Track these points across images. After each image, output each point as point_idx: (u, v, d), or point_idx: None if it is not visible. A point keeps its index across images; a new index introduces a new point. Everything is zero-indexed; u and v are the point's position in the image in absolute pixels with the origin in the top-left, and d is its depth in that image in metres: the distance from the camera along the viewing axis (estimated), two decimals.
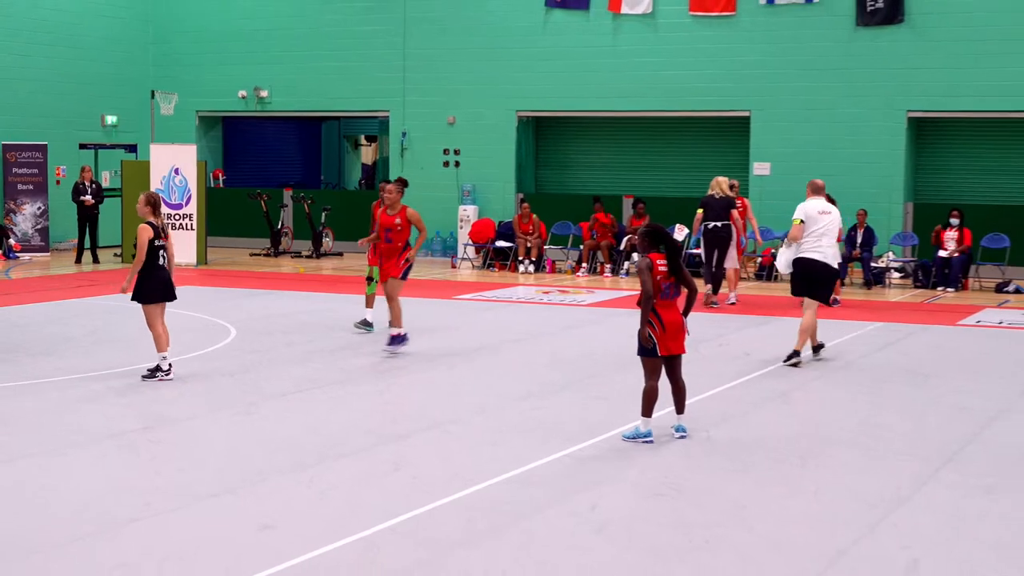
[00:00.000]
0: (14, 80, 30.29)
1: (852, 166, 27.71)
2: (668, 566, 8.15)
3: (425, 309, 21.54)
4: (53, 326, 18.89)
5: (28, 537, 8.62)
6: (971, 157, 28.95)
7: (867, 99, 28.01)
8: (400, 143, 32.20)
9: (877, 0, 27.80)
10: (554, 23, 30.46)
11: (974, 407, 13.48)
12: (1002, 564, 8.25)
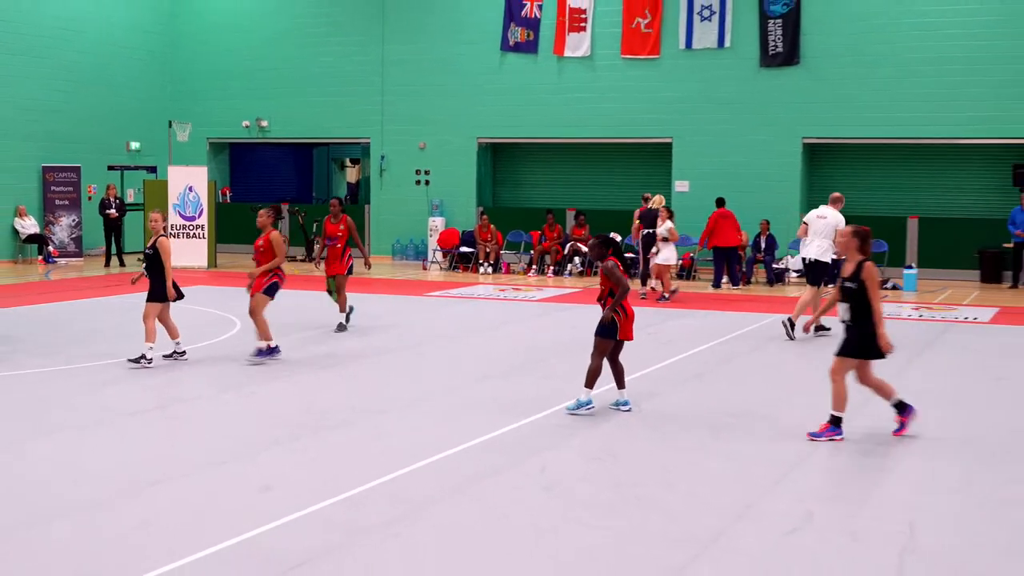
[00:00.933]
0: (53, 112, 30.05)
1: (757, 184, 27.83)
2: (604, 519, 8.19)
3: (400, 305, 21.56)
4: (85, 320, 18.80)
5: (61, 498, 8.58)
6: (855, 176, 29.14)
7: (769, 128, 28.15)
8: (379, 165, 32.12)
9: (777, 45, 27.95)
10: (508, 64, 30.45)
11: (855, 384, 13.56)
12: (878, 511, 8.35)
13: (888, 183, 28.90)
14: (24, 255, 29.28)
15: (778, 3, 27.89)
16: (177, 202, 28.27)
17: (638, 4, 29.07)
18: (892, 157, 28.64)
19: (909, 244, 27.21)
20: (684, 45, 28.81)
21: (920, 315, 20.38)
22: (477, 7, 30.58)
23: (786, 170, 28.15)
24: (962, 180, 28.17)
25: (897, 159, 28.64)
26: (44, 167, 30.06)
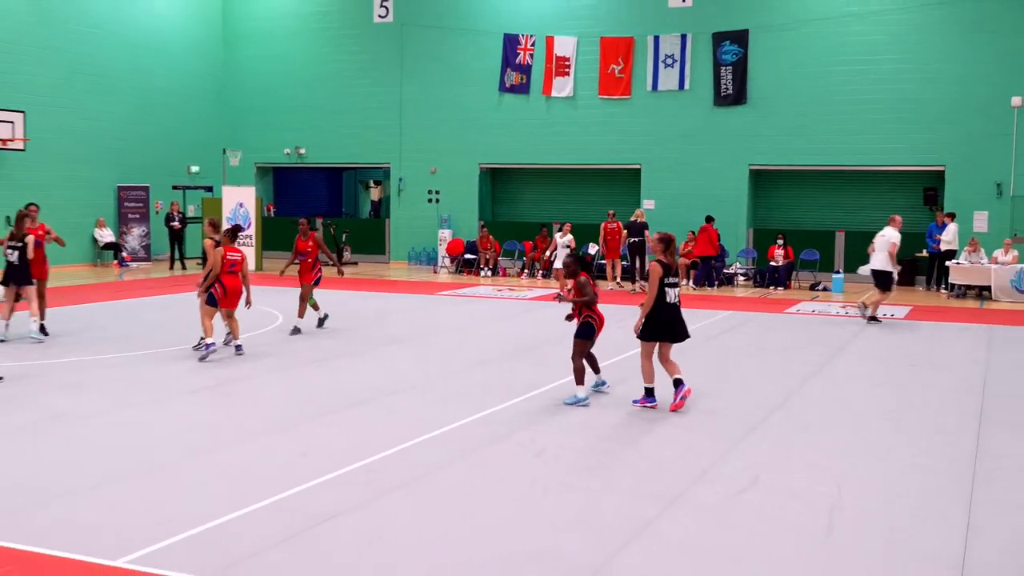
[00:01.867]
0: (126, 140, 30.04)
1: (711, 203, 27.81)
2: (586, 480, 8.21)
3: (414, 302, 21.55)
4: (152, 313, 18.80)
5: (138, 460, 8.59)
6: (792, 196, 29.25)
7: (721, 156, 28.19)
8: (397, 186, 32.10)
9: (728, 88, 27.99)
10: (505, 102, 30.45)
11: (794, 370, 13.62)
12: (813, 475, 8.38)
13: (820, 202, 28.99)
14: (102, 260, 29.23)
15: (728, 53, 27.95)
16: (230, 216, 28.22)
17: (613, 53, 29.11)
18: (823, 181, 28.69)
19: (837, 253, 27.28)
20: (651, 87, 28.84)
21: (847, 312, 20.40)
22: (479, 55, 30.57)
23: (735, 191, 28.19)
24: (881, 200, 28.19)
25: (828, 182, 28.69)
26: (119, 186, 30.02)
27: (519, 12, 30.14)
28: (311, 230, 16.69)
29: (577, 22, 29.55)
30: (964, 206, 25.59)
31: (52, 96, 27.65)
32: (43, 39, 27.49)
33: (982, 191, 25.78)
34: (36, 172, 26.72)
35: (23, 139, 26.06)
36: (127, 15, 30.12)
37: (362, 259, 32.12)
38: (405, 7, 31.43)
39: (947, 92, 26.10)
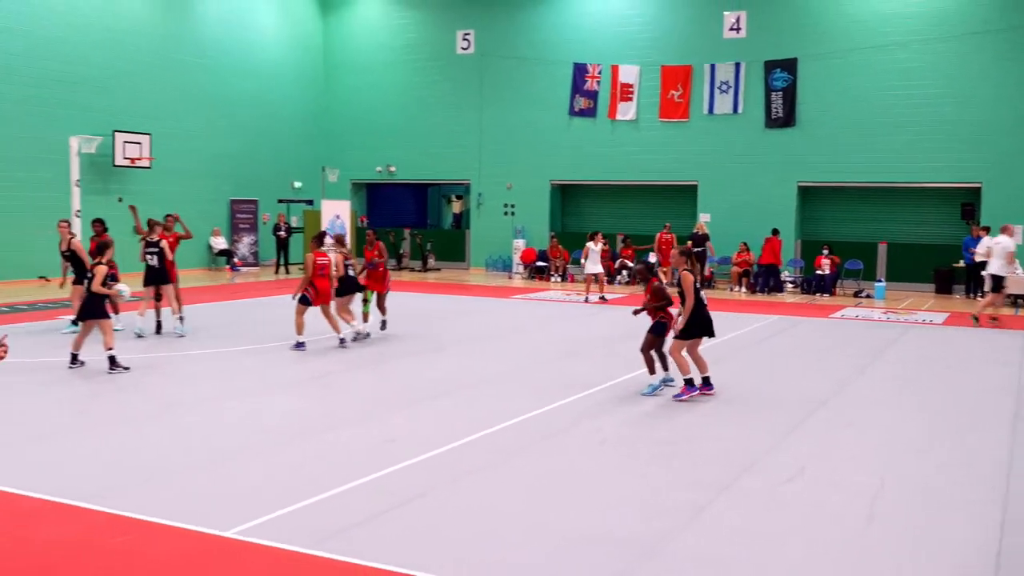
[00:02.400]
0: (238, 159, 30.55)
1: (762, 217, 27.45)
2: (645, 468, 8.13)
3: (491, 304, 21.59)
4: (259, 313, 19.07)
5: (246, 442, 8.71)
6: (837, 211, 28.67)
7: (771, 174, 27.79)
8: (477, 200, 32.20)
9: (778, 111, 27.60)
10: (574, 125, 30.38)
11: (839, 369, 13.36)
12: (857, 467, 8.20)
13: (863, 216, 28.38)
14: (216, 265, 29.77)
15: (779, 80, 27.56)
16: (328, 226, 28.56)
17: (672, 80, 28.88)
18: (867, 196, 28.09)
19: (879, 263, 26.71)
20: (707, 111, 28.55)
21: (888, 318, 19.96)
22: (551, 83, 30.53)
23: (784, 206, 27.75)
24: (921, 214, 27.59)
25: (871, 198, 28.08)
26: (231, 199, 30.56)
27: (587, 43, 30.06)
28: (377, 240, 16.30)
29: (640, 52, 29.37)
30: (1000, 220, 24.86)
31: (174, 119, 28.26)
32: (168, 69, 28.11)
33: (1017, 206, 25.05)
34: (160, 187, 27.33)
35: (149, 158, 26.67)
36: (241, 47, 30.66)
37: (444, 266, 32.33)
38: (485, 40, 31.54)
39: (983, 113, 25.45)
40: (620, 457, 8.49)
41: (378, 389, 11.51)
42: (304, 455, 8.34)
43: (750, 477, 7.89)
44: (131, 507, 6.77)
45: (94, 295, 12.19)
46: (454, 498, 7.20)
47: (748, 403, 10.89)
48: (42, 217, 23.88)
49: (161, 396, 10.78)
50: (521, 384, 11.80)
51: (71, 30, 25.25)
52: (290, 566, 5.83)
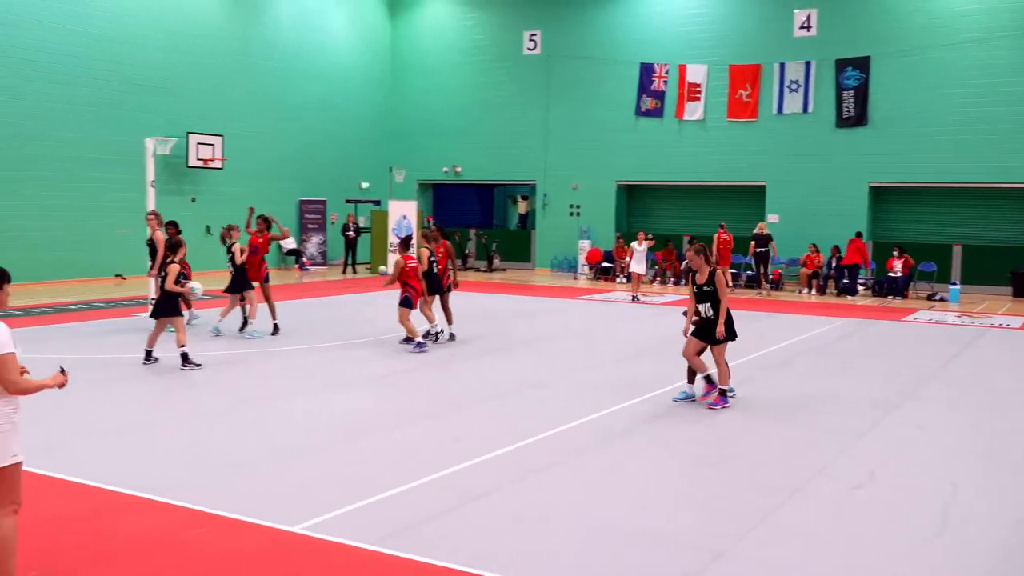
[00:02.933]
0: (307, 160, 31.04)
1: (831, 218, 27.11)
2: (710, 471, 8.07)
3: (557, 304, 21.59)
4: (327, 312, 19.31)
5: (306, 439, 8.83)
6: (911, 212, 28.10)
7: (842, 174, 27.37)
8: (542, 200, 32.24)
9: (850, 111, 27.15)
10: (641, 125, 30.24)
11: (911, 373, 13.10)
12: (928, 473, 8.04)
13: (937, 217, 27.77)
14: (285, 264, 30.26)
15: (851, 78, 27.11)
16: (395, 227, 28.82)
17: (741, 79, 28.59)
18: (941, 197, 27.47)
19: (954, 266, 26.15)
20: (776, 111, 28.22)
21: (963, 321, 19.51)
22: (617, 83, 30.44)
23: (854, 207, 27.30)
24: (998, 215, 26.90)
25: (945, 198, 27.46)
26: (300, 200, 31.03)
27: (655, 43, 29.89)
28: (443, 238, 15.90)
29: (708, 51, 29.12)
30: None
31: (246, 122, 28.79)
32: (240, 72, 28.65)
33: None
34: (231, 187, 27.87)
35: (221, 159, 27.21)
36: (311, 50, 31.13)
37: (510, 266, 32.41)
38: (551, 40, 31.56)
39: None
40: (684, 460, 8.43)
41: (444, 388, 11.58)
42: (371, 452, 8.44)
43: (819, 482, 7.78)
44: (204, 501, 6.92)
45: (167, 293, 12.48)
46: (518, 497, 7.22)
47: (816, 407, 10.73)
48: (118, 217, 24.54)
49: (232, 393, 10.99)
50: (585, 385, 11.78)
51: (148, 35, 25.88)
52: (357, 563, 5.91)
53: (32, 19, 23.06)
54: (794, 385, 12.11)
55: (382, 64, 34.20)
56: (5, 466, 5.09)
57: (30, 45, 23.03)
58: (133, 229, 23.30)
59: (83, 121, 24.25)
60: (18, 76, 22.79)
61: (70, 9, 23.90)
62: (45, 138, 23.42)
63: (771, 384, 12.15)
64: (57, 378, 5.32)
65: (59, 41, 23.65)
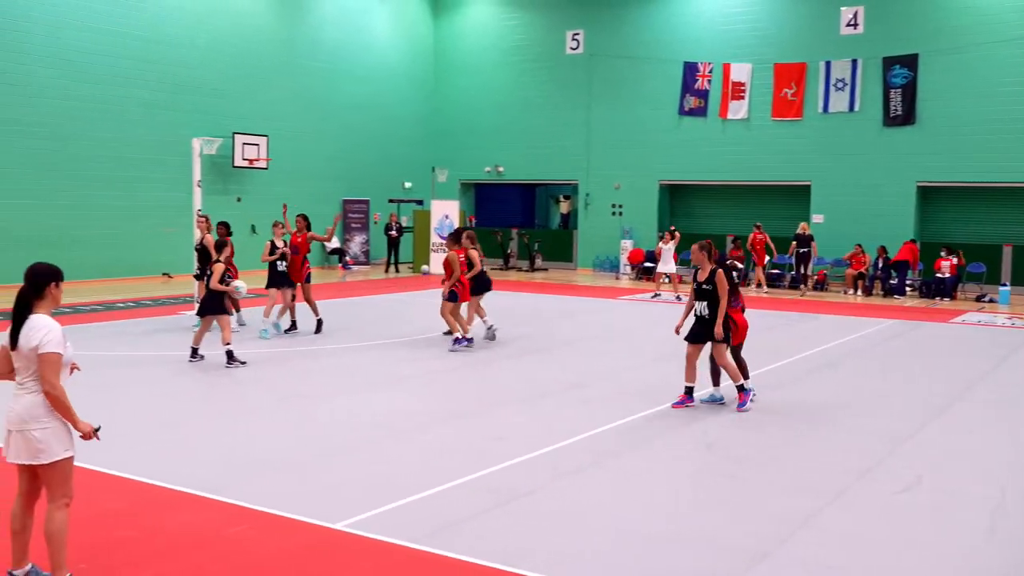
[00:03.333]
0: (350, 159, 31.24)
1: (877, 218, 26.78)
2: (751, 472, 8.01)
3: (599, 304, 21.54)
4: (371, 311, 19.43)
5: (349, 437, 8.88)
6: (960, 211, 27.63)
7: (889, 174, 27.00)
8: (584, 200, 32.18)
9: (897, 109, 26.78)
10: (684, 124, 30.07)
11: (959, 375, 12.89)
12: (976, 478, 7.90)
13: (987, 217, 27.27)
14: (329, 263, 30.49)
15: (898, 76, 26.73)
16: (437, 226, 28.97)
17: (786, 78, 28.32)
18: (991, 197, 26.98)
19: (1004, 266, 25.68)
20: (822, 109, 27.91)
21: (1012, 323, 19.17)
22: (660, 82, 30.29)
23: (902, 207, 26.92)
24: None
25: (995, 198, 26.97)
26: (344, 199, 31.26)
27: (698, 42, 29.71)
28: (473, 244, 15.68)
29: (752, 50, 28.88)
30: None
31: (290, 122, 29.06)
32: (285, 73, 28.92)
33: None
34: (276, 187, 28.14)
35: (266, 159, 27.50)
36: (355, 51, 31.34)
37: (552, 266, 32.39)
38: (594, 40, 31.49)
39: None
40: (726, 461, 8.37)
41: (484, 387, 11.60)
42: (411, 451, 8.48)
43: (863, 485, 7.68)
44: (247, 498, 7.00)
45: (213, 292, 12.65)
46: (557, 497, 7.21)
47: (862, 409, 10.61)
48: (165, 216, 24.89)
49: (275, 391, 11.10)
50: (624, 385, 11.74)
51: (195, 37, 26.22)
52: (396, 560, 5.94)
53: (81, 22, 23.45)
54: (839, 387, 11.97)
55: (425, 64, 34.34)
56: (57, 461, 5.19)
57: (79, 47, 23.43)
58: (180, 228, 23.62)
59: (131, 122, 24.62)
60: (67, 78, 23.18)
61: (119, 12, 24.27)
62: (94, 138, 23.80)
63: (815, 386, 12.02)
64: (87, 427, 5.24)
65: (108, 43, 24.03)
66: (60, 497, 5.23)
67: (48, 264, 5.37)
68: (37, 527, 5.42)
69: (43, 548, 5.32)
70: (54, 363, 5.11)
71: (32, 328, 5.15)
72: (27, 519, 5.34)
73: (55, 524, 5.20)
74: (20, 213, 22.23)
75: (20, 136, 22.30)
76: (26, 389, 5.18)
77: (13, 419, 5.17)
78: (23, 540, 5.34)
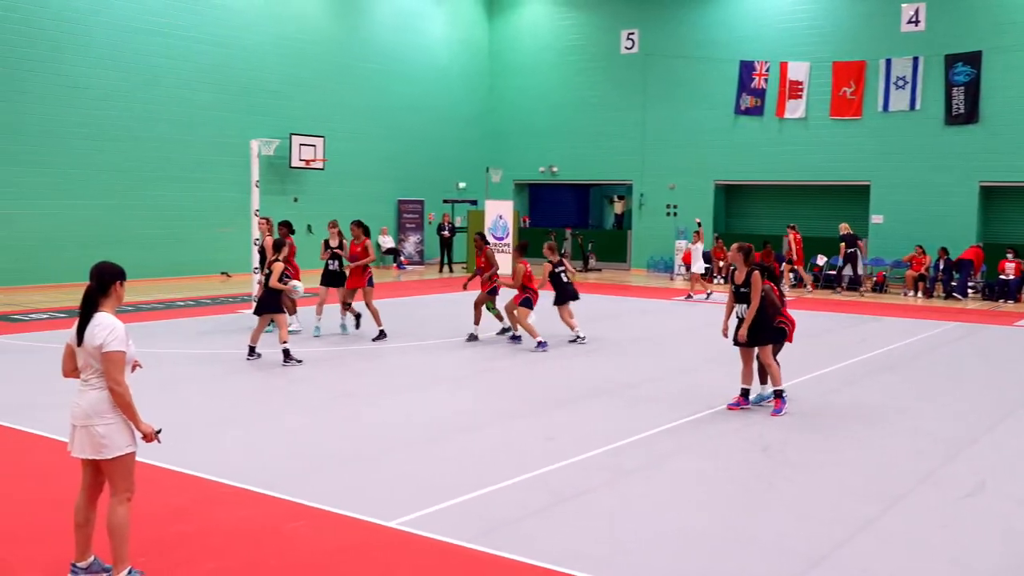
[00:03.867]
0: (405, 160, 31.44)
1: (938, 219, 26.31)
2: (807, 476, 7.90)
3: (652, 305, 21.41)
4: (424, 310, 19.53)
5: (404, 436, 8.93)
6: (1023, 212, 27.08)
7: (951, 173, 26.50)
8: (639, 200, 32.03)
9: (960, 107, 26.26)
10: (740, 124, 29.79)
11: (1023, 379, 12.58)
12: None
13: None
14: (384, 263, 30.73)
15: (961, 74, 26.21)
16: (491, 226, 29.02)
17: (845, 76, 27.92)
18: None
19: None
20: (882, 108, 27.47)
21: None
22: (716, 81, 30.05)
23: (964, 207, 26.40)
24: None
25: None
26: (399, 200, 31.47)
27: (755, 40, 29.42)
28: (485, 245, 15.67)
29: (810, 48, 28.52)
30: None
31: (346, 123, 29.33)
32: (341, 75, 29.21)
33: None
34: (332, 187, 28.43)
35: (323, 160, 27.79)
36: (410, 52, 31.55)
37: (605, 266, 32.29)
38: (649, 39, 31.33)
39: None
40: (782, 464, 8.27)
41: (538, 387, 11.59)
42: (465, 450, 8.50)
43: (924, 490, 7.54)
44: (303, 494, 7.08)
45: (270, 291, 12.81)
46: (611, 498, 7.18)
47: (922, 412, 10.41)
48: (224, 216, 25.28)
49: (331, 389, 11.21)
50: (682, 386, 11.66)
51: (260, 41, 26.63)
52: (450, 559, 5.96)
53: (149, 27, 23.93)
54: (898, 390, 11.76)
55: (480, 65, 34.45)
56: (119, 455, 5.30)
57: (152, 51, 23.95)
58: (236, 228, 23.97)
59: (193, 123, 25.04)
60: (133, 81, 23.63)
61: (186, 17, 24.74)
62: (157, 140, 24.25)
63: (873, 388, 11.82)
64: (148, 429, 5.34)
65: (174, 47, 24.50)
66: (123, 491, 5.33)
67: (113, 263, 5.49)
68: (100, 521, 5.53)
69: (106, 542, 5.43)
70: (118, 361, 5.22)
71: (97, 326, 5.26)
72: (90, 512, 5.46)
73: (117, 517, 5.30)
74: (84, 213, 22.73)
75: (85, 138, 22.79)
76: (90, 386, 5.29)
77: (78, 415, 5.29)
78: (86, 533, 5.45)
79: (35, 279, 21.70)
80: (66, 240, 22.17)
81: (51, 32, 22.01)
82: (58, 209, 22.27)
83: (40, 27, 21.79)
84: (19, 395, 10.52)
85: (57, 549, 5.86)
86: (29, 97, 21.72)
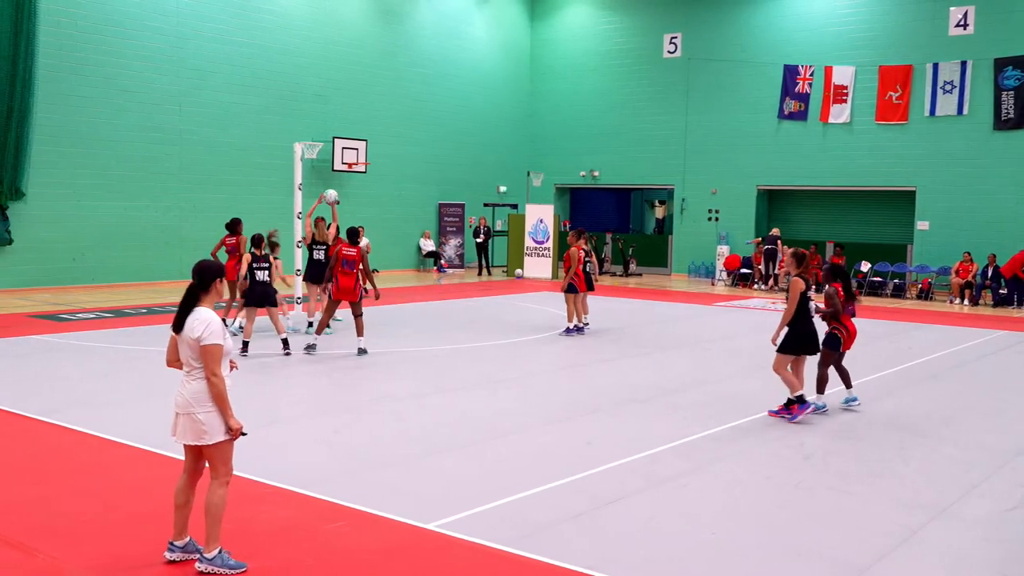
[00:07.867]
0: (447, 163, 31.53)
1: (986, 224, 25.87)
2: (851, 485, 7.80)
3: (694, 311, 21.28)
4: (463, 314, 19.56)
5: (443, 438, 8.95)
6: None
7: (999, 179, 26.05)
8: (680, 205, 31.86)
9: (1009, 112, 25.81)
10: (783, 129, 29.54)
11: None
12: None
13: None
14: (424, 266, 30.84)
15: (1011, 79, 25.77)
16: (531, 230, 29.05)
17: (891, 81, 27.56)
18: None
19: None
20: (928, 113, 27.08)
21: None
22: (759, 85, 29.83)
23: (1011, 213, 25.91)
24: None
25: None
26: (440, 203, 31.58)
27: (799, 44, 29.16)
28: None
29: (855, 52, 28.21)
30: None
31: (388, 126, 29.49)
32: (384, 78, 29.38)
33: None
34: (373, 190, 28.60)
35: (365, 163, 27.96)
36: (451, 57, 31.66)
37: (646, 271, 32.16)
38: (692, 43, 31.17)
39: None
40: (825, 473, 8.17)
41: (578, 391, 11.57)
42: (504, 453, 8.50)
43: (971, 501, 7.41)
44: (342, 495, 7.12)
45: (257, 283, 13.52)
46: (649, 504, 7.14)
47: (967, 422, 10.24)
48: (267, 218, 25.47)
49: (371, 390, 11.26)
50: (723, 392, 11.57)
51: (306, 45, 26.89)
52: (487, 562, 5.96)
53: (204, 32, 24.27)
54: (942, 399, 11.59)
55: (521, 68, 34.48)
56: (219, 442, 5.62)
57: (200, 56, 24.26)
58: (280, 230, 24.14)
59: (239, 127, 25.31)
60: (184, 85, 23.96)
61: (238, 23, 25.07)
62: (207, 143, 24.53)
63: (918, 398, 11.66)
64: (236, 424, 5.65)
65: (227, 52, 24.82)
66: (223, 475, 5.69)
67: (213, 261, 5.91)
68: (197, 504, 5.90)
69: (200, 524, 5.76)
70: (216, 354, 5.54)
71: (196, 319, 5.62)
72: (189, 494, 5.82)
73: (216, 497, 5.66)
74: (133, 215, 23.04)
75: (136, 141, 23.12)
76: (193, 377, 5.61)
77: (181, 403, 5.62)
78: (184, 514, 5.81)
79: (85, 279, 22.04)
80: (114, 241, 22.49)
81: (105, 37, 22.38)
82: (108, 211, 22.59)
83: (94, 32, 22.17)
84: (69, 393, 10.69)
85: (107, 546, 5.95)
86: (83, 101, 22.10)
